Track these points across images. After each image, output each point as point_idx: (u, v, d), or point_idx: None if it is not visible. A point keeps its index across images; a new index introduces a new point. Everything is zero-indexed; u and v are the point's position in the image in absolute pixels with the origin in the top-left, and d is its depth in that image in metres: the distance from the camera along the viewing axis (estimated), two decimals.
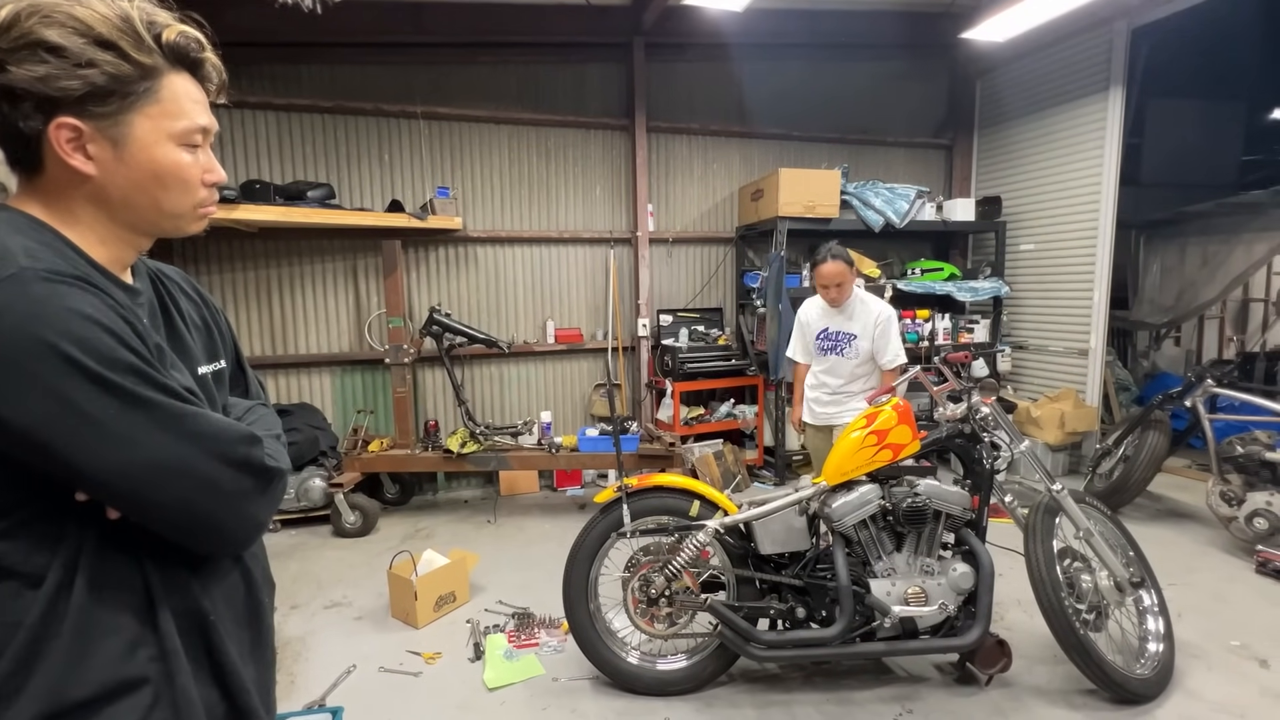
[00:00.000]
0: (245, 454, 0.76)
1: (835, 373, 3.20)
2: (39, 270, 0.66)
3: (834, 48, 5.18)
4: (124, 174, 0.75)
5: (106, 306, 0.69)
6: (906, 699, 2.33)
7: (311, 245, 4.41)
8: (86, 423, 0.66)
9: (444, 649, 2.69)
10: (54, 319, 0.64)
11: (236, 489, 0.75)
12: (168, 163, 0.77)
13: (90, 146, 0.73)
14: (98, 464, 0.67)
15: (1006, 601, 2.93)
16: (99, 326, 0.67)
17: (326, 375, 4.54)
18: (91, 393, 0.65)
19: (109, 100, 0.72)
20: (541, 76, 4.74)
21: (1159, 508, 4.22)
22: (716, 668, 2.39)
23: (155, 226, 0.81)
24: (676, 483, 2.44)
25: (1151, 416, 3.91)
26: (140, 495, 0.70)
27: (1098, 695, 2.30)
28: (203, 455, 0.72)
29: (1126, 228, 5.54)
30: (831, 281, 3.07)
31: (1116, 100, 4.49)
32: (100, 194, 0.76)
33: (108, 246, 0.78)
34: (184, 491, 0.72)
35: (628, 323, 5.09)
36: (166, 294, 0.89)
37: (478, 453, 4.13)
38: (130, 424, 0.68)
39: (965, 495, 2.31)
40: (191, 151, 0.79)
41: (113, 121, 0.73)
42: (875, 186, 4.97)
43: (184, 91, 0.78)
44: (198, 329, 0.92)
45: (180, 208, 0.80)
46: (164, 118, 0.76)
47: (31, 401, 0.64)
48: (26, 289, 0.64)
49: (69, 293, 0.67)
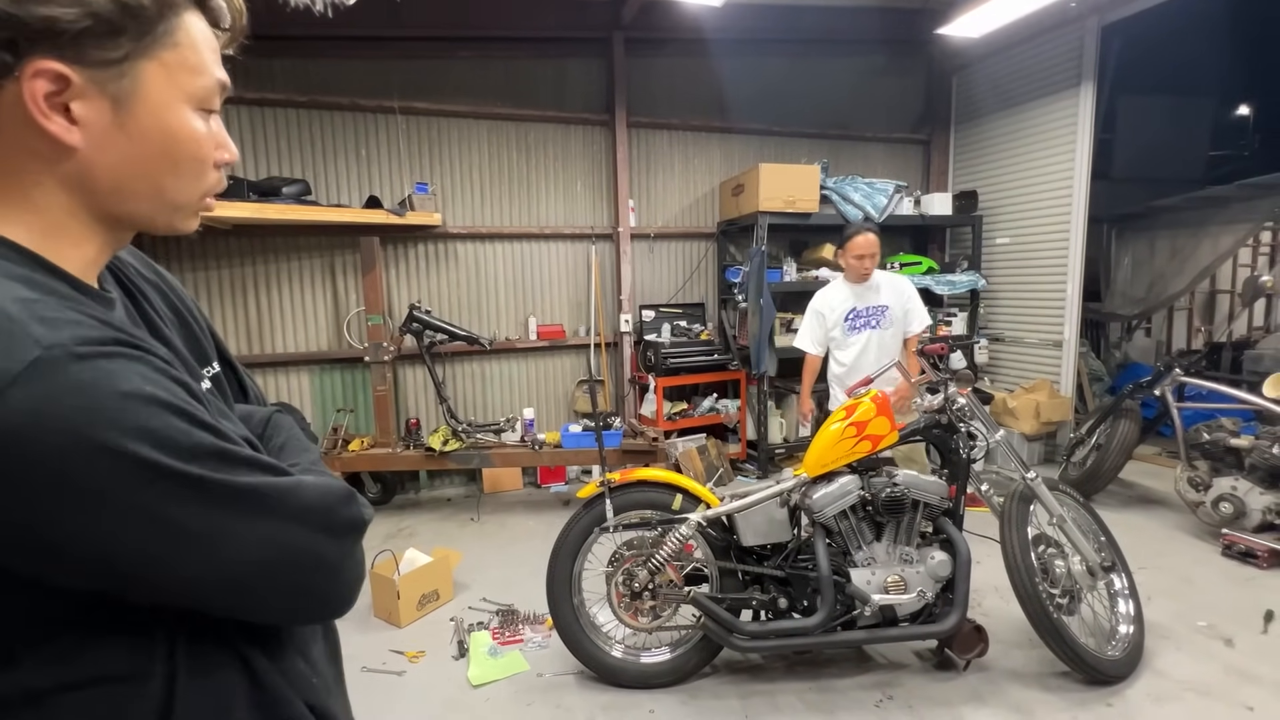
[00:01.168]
0: (348, 517, 0.64)
1: (869, 349, 3.20)
2: (67, 346, 0.47)
3: (813, 43, 5.21)
4: (122, 147, 0.55)
5: (157, 372, 0.53)
6: (887, 685, 2.37)
7: (288, 242, 4.34)
8: (181, 536, 0.51)
9: (428, 648, 2.68)
10: (112, 413, 0.48)
11: (339, 556, 0.63)
12: (184, 133, 0.58)
13: (76, 106, 0.52)
14: (198, 577, 0.54)
15: (983, 588, 2.98)
16: (164, 408, 0.51)
17: (305, 374, 4.48)
18: (180, 497, 0.51)
19: (117, 40, 0.52)
20: (521, 71, 4.70)
21: (1130, 494, 4.32)
22: (700, 659, 2.41)
23: (148, 221, 0.61)
24: (659, 477, 2.45)
25: (1122, 406, 4.00)
26: (245, 595, 0.57)
27: (1071, 677, 2.36)
28: (309, 534, 0.59)
29: (1098, 222, 5.65)
30: (868, 252, 3.10)
31: (1088, 96, 4.58)
32: (82, 176, 0.55)
33: (82, 249, 0.58)
34: (291, 577, 0.59)
35: (610, 319, 5.08)
36: (136, 290, 0.69)
37: (460, 450, 4.11)
38: (231, 522, 0.54)
39: (943, 485, 2.35)
40: (206, 119, 0.61)
41: (118, 72, 0.53)
42: (854, 181, 5.02)
43: (202, 35, 0.59)
44: (175, 326, 0.72)
45: (188, 195, 0.62)
46: (182, 70, 0.57)
47: (106, 525, 0.48)
48: (62, 378, 0.46)
49: (116, 370, 0.49)
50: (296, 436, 0.78)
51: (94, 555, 0.49)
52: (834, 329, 3.26)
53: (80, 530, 0.48)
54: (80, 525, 0.48)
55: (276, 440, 0.76)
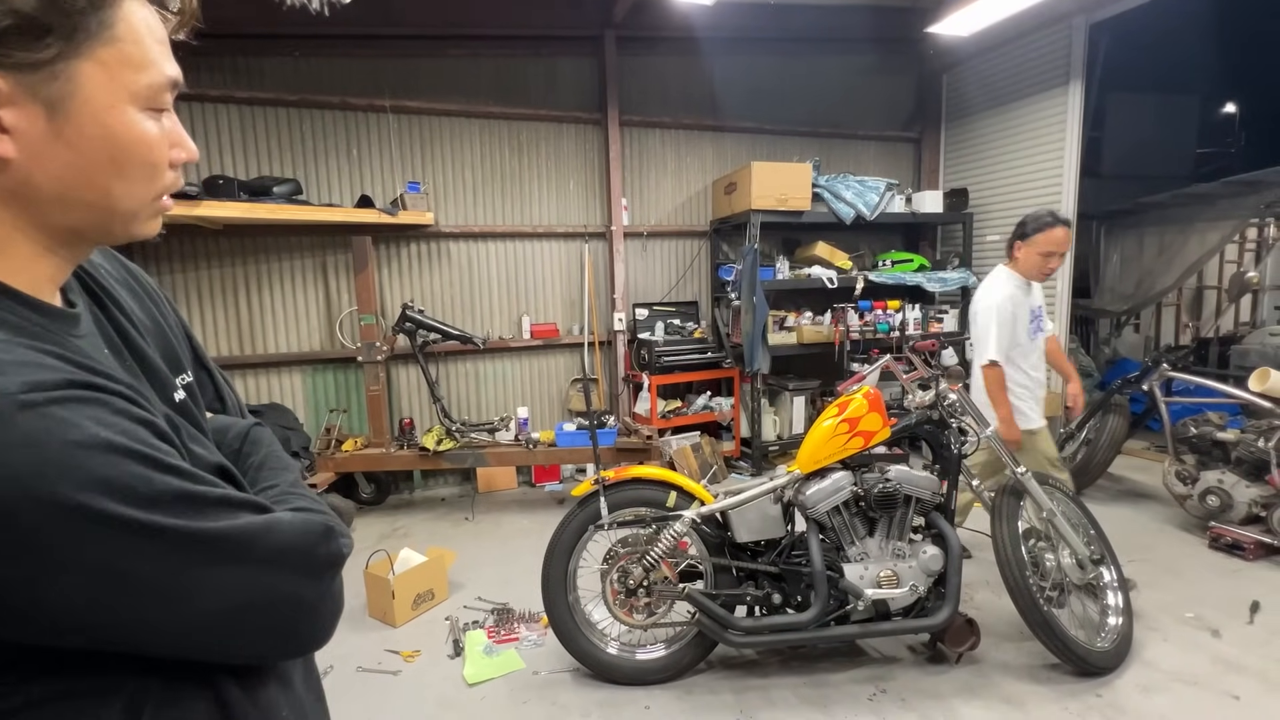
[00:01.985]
0: (327, 555, 0.61)
1: (1039, 355, 2.91)
2: (14, 396, 0.44)
3: (804, 42, 5.23)
4: (62, 156, 0.51)
5: (116, 414, 0.49)
6: (880, 679, 2.39)
7: (279, 242, 4.32)
8: (144, 590, 0.49)
9: (423, 647, 2.68)
10: (63, 465, 0.44)
11: (317, 596, 0.60)
12: (130, 136, 0.53)
13: (5, 114, 0.48)
14: (167, 628, 0.51)
15: (975, 582, 3.01)
16: (122, 454, 0.48)
17: (297, 374, 4.46)
18: (141, 549, 0.48)
19: (44, 40, 0.48)
20: (513, 70, 4.70)
21: (1119, 488, 4.37)
22: (695, 655, 2.43)
23: (101, 231, 0.57)
24: (653, 474, 2.46)
25: (1111, 401, 4.04)
26: (219, 642, 0.55)
27: (1061, 668, 2.38)
28: (285, 576, 0.57)
29: (1088, 218, 5.71)
30: (1060, 249, 2.73)
31: (1076, 94, 4.62)
32: (19, 189, 0.51)
33: (33, 268, 0.54)
34: (266, 620, 0.57)
35: (604, 317, 5.09)
36: (106, 296, 0.64)
37: (454, 450, 4.11)
38: (199, 571, 0.51)
39: (934, 480, 2.37)
40: (156, 118, 0.56)
41: (48, 74, 0.49)
42: (846, 179, 5.04)
43: (145, 26, 0.53)
44: (150, 332, 0.68)
45: (138, 200, 0.56)
46: (124, 67, 0.52)
47: (66, 584, 0.45)
48: (8, 431, 0.43)
49: (68, 417, 0.46)
50: (276, 454, 0.75)
51: (49, 613, 0.46)
52: (1020, 333, 2.81)
53: (33, 590, 0.45)
54: (44, 582, 0.45)
55: (255, 458, 0.73)
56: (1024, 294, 2.81)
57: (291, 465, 0.75)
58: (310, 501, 0.67)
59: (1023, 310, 2.78)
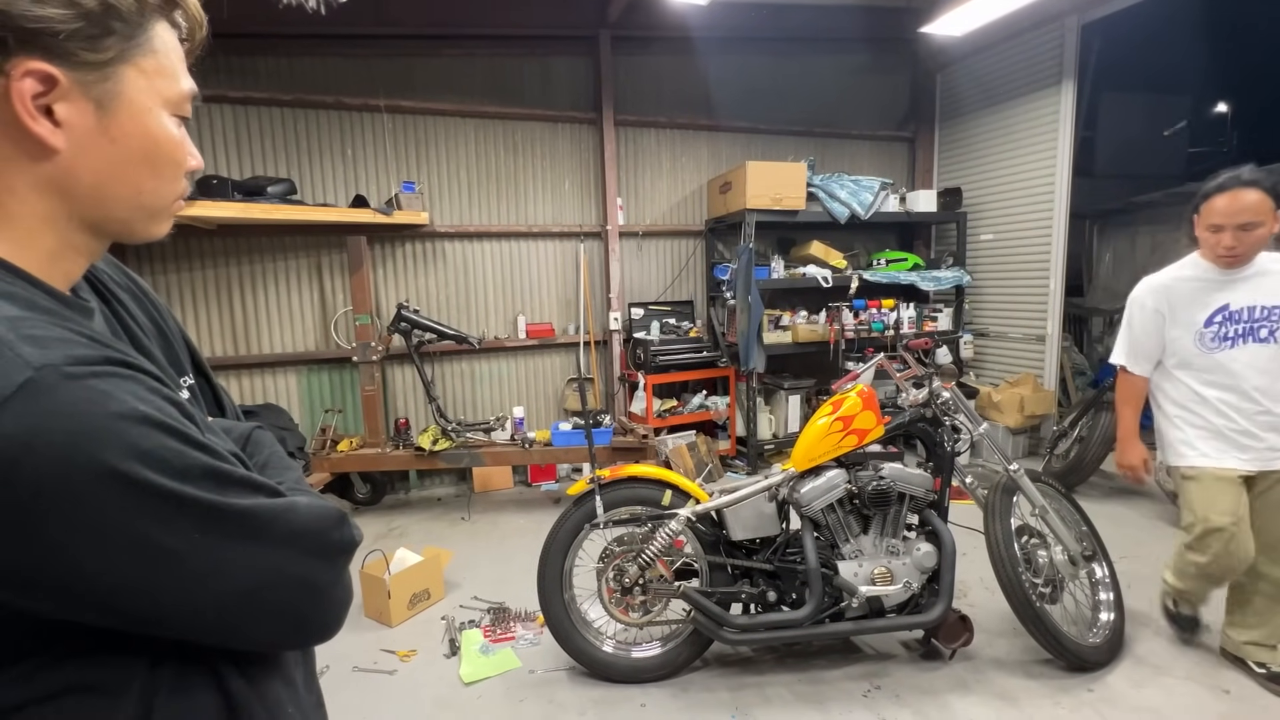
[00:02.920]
0: (340, 540, 0.63)
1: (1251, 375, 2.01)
2: (58, 367, 0.47)
3: (799, 41, 5.24)
4: (104, 150, 0.55)
5: (150, 391, 0.52)
6: (874, 676, 2.41)
7: (273, 242, 4.31)
8: (171, 559, 0.50)
9: (419, 646, 2.68)
10: (104, 434, 0.47)
11: (330, 580, 0.62)
12: (163, 136, 0.58)
13: (60, 108, 0.52)
14: (182, 603, 0.52)
15: (968, 579, 3.03)
16: (157, 427, 0.50)
17: (292, 374, 4.45)
18: (171, 519, 0.50)
19: (105, 42, 0.53)
20: (507, 69, 4.69)
21: (1111, 485, 4.40)
22: (691, 653, 2.44)
23: (124, 227, 0.61)
24: (649, 473, 2.47)
25: (1104, 399, 4.07)
26: (231, 622, 0.56)
27: (1054, 664, 2.40)
28: (301, 558, 0.59)
29: (1080, 217, 5.74)
30: (1233, 220, 1.93)
31: (1069, 94, 4.64)
32: (61, 180, 0.54)
33: (58, 260, 0.57)
34: (280, 602, 0.58)
35: (599, 317, 5.09)
36: (113, 299, 0.67)
37: (450, 450, 4.10)
38: (219, 544, 0.53)
39: (928, 477, 2.39)
40: (180, 126, 0.61)
41: (102, 75, 0.53)
42: (841, 179, 5.06)
43: (172, 45, 0.59)
44: (154, 337, 0.71)
45: (163, 200, 0.61)
46: (159, 75, 0.57)
47: (98, 549, 0.47)
48: (54, 400, 0.46)
49: (109, 390, 0.48)
50: (279, 454, 0.77)
51: (75, 581, 0.47)
52: (1184, 336, 2.09)
53: (70, 556, 0.46)
54: (71, 550, 0.46)
55: (258, 458, 0.75)
56: (1204, 288, 2.07)
57: (294, 465, 0.77)
58: (317, 496, 0.68)
59: (1189, 307, 2.06)
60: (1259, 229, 1.91)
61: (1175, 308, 2.13)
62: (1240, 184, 1.92)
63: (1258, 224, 1.91)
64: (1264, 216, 1.90)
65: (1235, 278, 2.04)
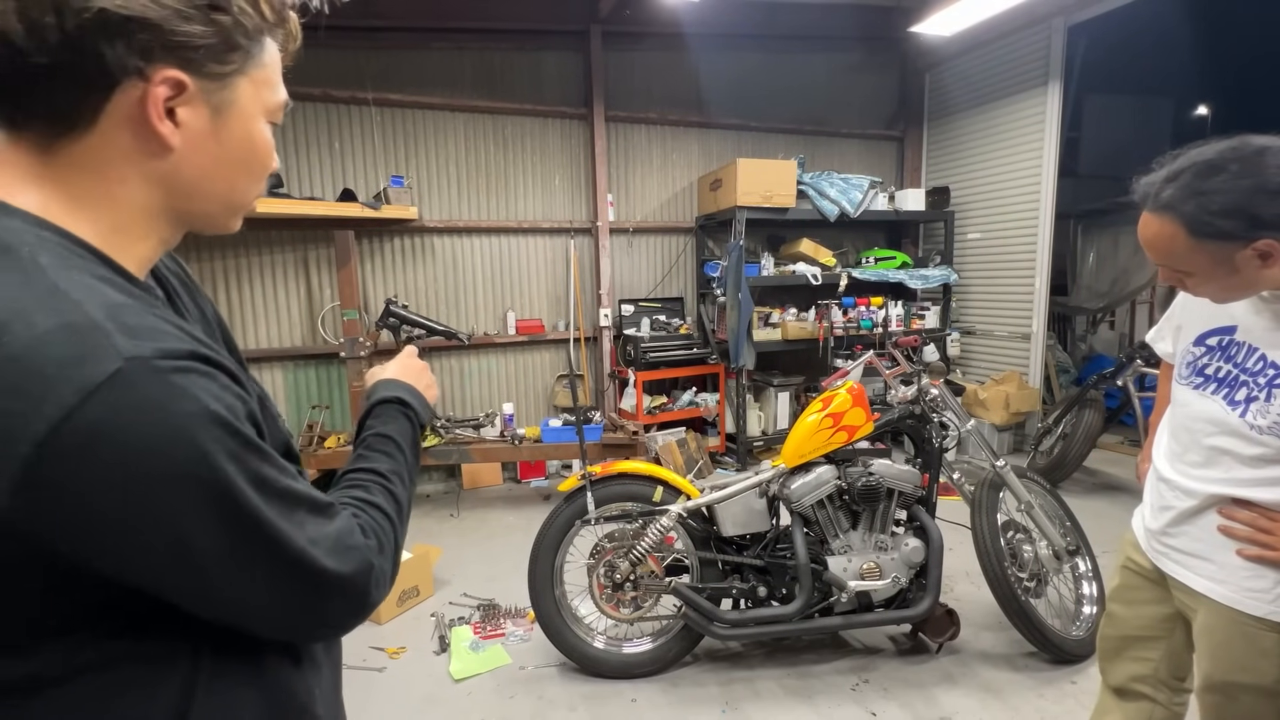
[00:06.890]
0: (374, 600, 0.68)
1: (1199, 433, 1.27)
2: (147, 359, 0.49)
3: (789, 39, 5.25)
4: (212, 151, 0.60)
5: (223, 389, 0.55)
6: (862, 669, 2.43)
7: (259, 236, 4.26)
8: (222, 558, 0.53)
9: (408, 643, 2.67)
10: (180, 432, 0.49)
11: (350, 625, 0.67)
12: (260, 141, 0.64)
13: (183, 111, 0.57)
14: (233, 599, 0.56)
15: (955, 573, 3.07)
16: (226, 430, 0.52)
17: (278, 370, 4.40)
18: (230, 519, 0.53)
19: (230, 56, 0.58)
20: (497, 64, 4.66)
21: (1094, 481, 4.47)
22: (681, 648, 2.44)
23: (209, 221, 0.66)
24: (639, 469, 2.47)
25: (1087, 396, 4.13)
26: (266, 615, 0.60)
27: (1038, 657, 2.44)
28: (331, 604, 0.62)
29: (1065, 217, 5.81)
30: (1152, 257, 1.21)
31: (1055, 95, 4.70)
32: (169, 175, 0.59)
33: (140, 247, 0.61)
34: (291, 625, 0.63)
35: (589, 313, 5.08)
36: (169, 286, 0.72)
37: (439, 446, 4.08)
38: (260, 564, 0.56)
39: (916, 473, 2.41)
40: (271, 131, 0.67)
41: (223, 84, 0.59)
42: (830, 177, 5.08)
43: (277, 58, 0.65)
44: (199, 323, 0.73)
45: (248, 198, 0.67)
46: (264, 86, 0.63)
47: (161, 541, 0.51)
48: (138, 393, 0.48)
49: (189, 387, 0.51)
50: (384, 440, 0.83)
51: (142, 566, 0.51)
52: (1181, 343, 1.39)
53: (132, 545, 0.50)
54: (134, 540, 0.50)
55: (368, 433, 0.83)
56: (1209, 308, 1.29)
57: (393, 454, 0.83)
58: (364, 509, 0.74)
59: (1200, 307, 1.32)
60: (1189, 277, 1.17)
61: (1183, 319, 1.40)
62: (1149, 207, 1.19)
63: (1184, 272, 1.17)
64: (1177, 260, 1.15)
65: (1249, 307, 1.23)
